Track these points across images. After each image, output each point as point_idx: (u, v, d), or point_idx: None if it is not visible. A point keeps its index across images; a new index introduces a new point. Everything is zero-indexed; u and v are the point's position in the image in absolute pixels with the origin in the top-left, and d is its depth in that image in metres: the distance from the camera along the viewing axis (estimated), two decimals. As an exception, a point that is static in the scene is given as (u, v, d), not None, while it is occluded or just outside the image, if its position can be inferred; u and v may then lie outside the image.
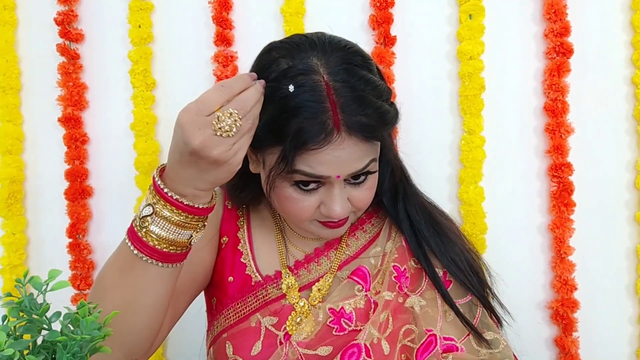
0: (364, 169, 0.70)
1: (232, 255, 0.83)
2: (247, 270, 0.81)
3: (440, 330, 0.77)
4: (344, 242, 0.83)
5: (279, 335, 0.77)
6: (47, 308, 0.57)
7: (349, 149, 0.67)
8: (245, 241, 0.83)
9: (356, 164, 0.69)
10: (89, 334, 0.55)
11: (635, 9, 1.08)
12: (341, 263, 0.81)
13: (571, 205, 1.10)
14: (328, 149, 0.65)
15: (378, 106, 0.68)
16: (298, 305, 0.78)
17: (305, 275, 0.80)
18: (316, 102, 0.65)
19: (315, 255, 0.82)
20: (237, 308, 0.80)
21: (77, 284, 1.17)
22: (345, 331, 0.75)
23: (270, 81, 0.67)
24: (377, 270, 0.81)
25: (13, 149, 1.18)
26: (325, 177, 0.68)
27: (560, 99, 1.09)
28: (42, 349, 0.56)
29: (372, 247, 0.83)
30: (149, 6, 1.16)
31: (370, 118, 0.67)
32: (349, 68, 0.68)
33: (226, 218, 0.85)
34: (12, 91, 1.18)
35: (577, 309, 1.11)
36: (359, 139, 0.67)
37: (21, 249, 1.20)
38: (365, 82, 0.68)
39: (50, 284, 0.57)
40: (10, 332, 0.54)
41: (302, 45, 0.70)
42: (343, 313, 0.76)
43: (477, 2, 1.10)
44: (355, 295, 0.78)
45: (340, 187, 0.70)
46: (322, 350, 0.75)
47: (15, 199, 1.18)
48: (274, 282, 0.80)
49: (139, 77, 1.16)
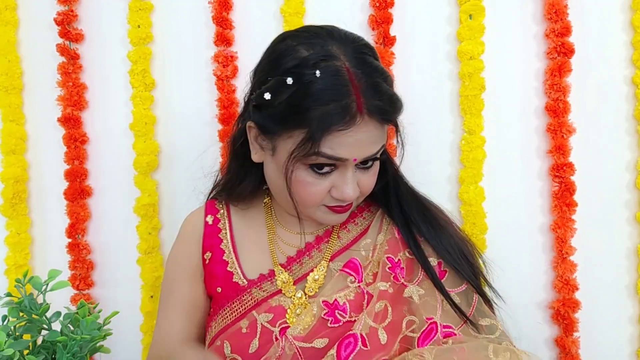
0: (377, 154, 0.74)
1: (218, 267, 0.85)
2: (234, 278, 0.84)
3: (440, 318, 0.78)
4: (335, 234, 0.85)
5: (274, 332, 0.78)
6: (47, 308, 0.57)
7: (369, 132, 0.71)
8: (230, 251, 0.86)
9: (372, 147, 0.73)
10: (89, 334, 0.55)
11: (635, 9, 1.08)
12: (333, 254, 0.83)
13: (573, 205, 1.10)
14: (351, 131, 0.69)
15: (391, 93, 0.73)
16: (295, 298, 0.80)
17: (298, 269, 0.82)
18: (341, 85, 0.69)
19: (307, 249, 0.84)
20: (233, 308, 0.81)
21: (77, 284, 1.17)
22: (340, 323, 0.77)
23: (291, 68, 0.70)
24: (368, 262, 0.82)
25: (16, 148, 1.18)
26: (344, 160, 0.72)
27: (562, 98, 1.09)
28: (42, 349, 0.56)
29: (362, 239, 0.85)
30: (149, 6, 1.16)
31: (385, 103, 0.72)
32: (363, 57, 0.72)
33: (207, 234, 0.88)
34: (14, 91, 1.18)
35: (578, 309, 1.11)
36: (377, 122, 0.71)
37: (26, 249, 1.19)
38: (377, 71, 0.72)
39: (50, 284, 0.57)
40: (10, 332, 0.54)
41: (320, 34, 0.74)
42: (337, 305, 0.77)
43: (477, 2, 1.10)
44: (347, 286, 0.79)
45: (352, 170, 0.74)
46: (318, 342, 0.76)
47: (20, 199, 1.18)
48: (267, 280, 0.82)
49: (138, 77, 1.16)
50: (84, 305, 0.59)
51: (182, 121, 1.18)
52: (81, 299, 0.93)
